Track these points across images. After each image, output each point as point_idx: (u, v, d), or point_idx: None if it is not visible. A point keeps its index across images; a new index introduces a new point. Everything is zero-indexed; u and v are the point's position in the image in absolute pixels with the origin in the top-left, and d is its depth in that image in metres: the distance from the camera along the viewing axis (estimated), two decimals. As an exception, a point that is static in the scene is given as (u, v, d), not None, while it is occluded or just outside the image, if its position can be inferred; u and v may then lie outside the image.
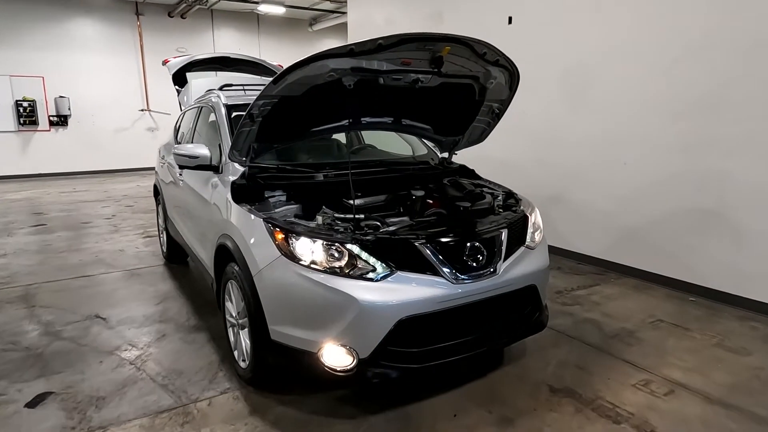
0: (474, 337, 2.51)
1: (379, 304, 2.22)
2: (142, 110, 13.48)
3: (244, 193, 2.76)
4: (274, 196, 2.82)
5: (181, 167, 3.35)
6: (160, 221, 5.23)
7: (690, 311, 3.86)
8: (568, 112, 5.07)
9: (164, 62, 5.60)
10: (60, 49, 12.28)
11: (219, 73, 5.77)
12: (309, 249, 2.31)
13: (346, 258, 2.30)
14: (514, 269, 2.60)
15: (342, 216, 2.59)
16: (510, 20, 5.59)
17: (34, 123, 12.14)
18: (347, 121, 3.06)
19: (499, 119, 3.39)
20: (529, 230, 2.85)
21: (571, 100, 5.03)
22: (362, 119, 3.20)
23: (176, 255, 4.93)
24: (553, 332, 3.44)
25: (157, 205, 5.33)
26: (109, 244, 5.95)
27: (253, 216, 2.55)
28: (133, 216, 7.59)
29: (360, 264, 2.30)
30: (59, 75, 12.30)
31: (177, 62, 5.45)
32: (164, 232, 5.05)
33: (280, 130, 2.92)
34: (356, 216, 2.56)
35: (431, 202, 3.02)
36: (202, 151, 3.18)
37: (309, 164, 3.29)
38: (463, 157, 3.74)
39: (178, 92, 5.41)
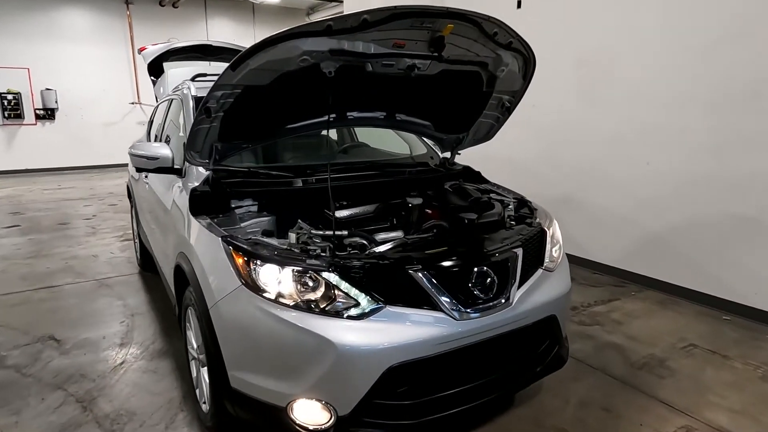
0: (481, 382, 2.04)
1: (363, 349, 1.76)
2: (132, 103, 12.97)
3: (205, 202, 2.29)
4: (242, 207, 2.36)
5: (140, 170, 2.89)
6: (135, 225, 4.77)
7: (726, 333, 3.39)
8: (585, 106, 4.57)
9: (140, 50, 5.12)
10: (46, 40, 11.73)
11: (213, 63, 5.30)
12: (275, 278, 1.84)
13: (322, 289, 1.83)
14: (531, 297, 2.14)
15: (321, 233, 2.12)
16: (519, 4, 5.09)
17: (20, 116, 11.63)
18: (329, 116, 2.57)
19: (509, 114, 2.91)
20: (548, 247, 2.38)
21: (588, 93, 4.53)
22: (348, 114, 2.71)
23: (151, 263, 4.45)
24: (571, 360, 2.94)
25: (131, 207, 4.87)
26: (83, 248, 5.49)
27: (210, 233, 2.08)
28: (114, 216, 7.14)
29: (340, 297, 1.83)
30: (46, 66, 11.76)
31: (153, 50, 4.95)
32: (138, 238, 4.59)
33: (248, 127, 2.44)
34: (338, 233, 2.09)
35: (430, 212, 2.55)
36: (163, 151, 2.71)
37: (288, 167, 2.79)
38: (465, 155, 3.26)
39: (154, 83, 4.93)
